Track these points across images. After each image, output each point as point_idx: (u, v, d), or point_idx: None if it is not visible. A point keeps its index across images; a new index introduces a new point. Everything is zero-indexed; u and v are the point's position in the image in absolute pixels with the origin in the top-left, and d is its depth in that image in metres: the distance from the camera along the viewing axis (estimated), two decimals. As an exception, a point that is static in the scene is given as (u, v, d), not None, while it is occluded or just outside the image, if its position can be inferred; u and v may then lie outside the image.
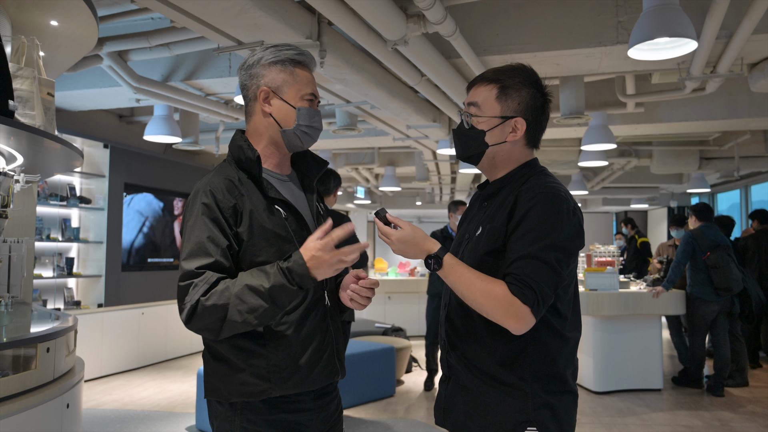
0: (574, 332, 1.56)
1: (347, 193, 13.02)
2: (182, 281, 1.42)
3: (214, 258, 1.42)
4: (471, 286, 1.43)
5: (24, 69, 2.59)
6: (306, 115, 1.58)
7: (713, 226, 5.68)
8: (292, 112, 1.57)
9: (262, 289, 1.37)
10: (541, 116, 1.59)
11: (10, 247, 3.01)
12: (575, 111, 4.70)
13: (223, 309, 1.37)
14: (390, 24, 3.29)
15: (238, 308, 1.37)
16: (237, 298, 1.37)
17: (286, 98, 1.57)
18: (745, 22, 3.43)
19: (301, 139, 1.60)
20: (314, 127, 1.60)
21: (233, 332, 1.41)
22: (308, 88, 1.59)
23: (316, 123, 1.60)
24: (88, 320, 6.06)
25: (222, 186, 1.49)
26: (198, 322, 1.39)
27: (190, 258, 1.42)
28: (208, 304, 1.37)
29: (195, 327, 1.40)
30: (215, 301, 1.37)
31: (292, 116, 1.57)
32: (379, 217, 1.50)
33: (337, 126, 5.94)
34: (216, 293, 1.38)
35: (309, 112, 1.58)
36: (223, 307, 1.37)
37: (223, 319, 1.37)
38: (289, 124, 1.57)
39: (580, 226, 1.49)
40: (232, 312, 1.37)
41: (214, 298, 1.37)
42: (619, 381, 5.61)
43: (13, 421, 2.19)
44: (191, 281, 1.40)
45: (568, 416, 1.51)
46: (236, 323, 1.38)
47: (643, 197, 12.80)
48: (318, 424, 1.57)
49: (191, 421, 4.64)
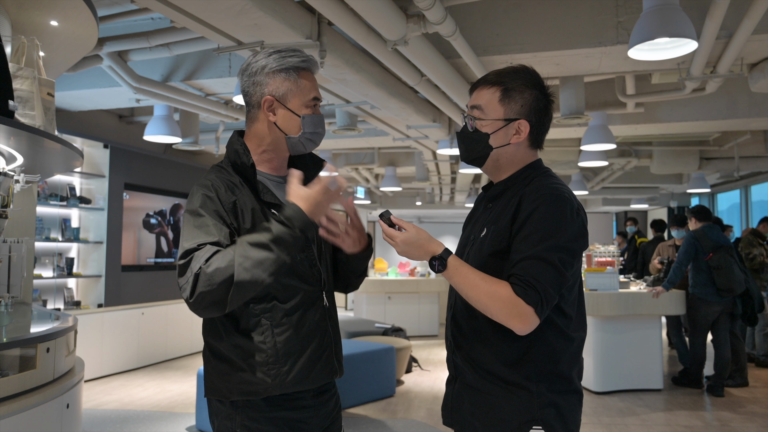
0: (579, 332, 1.56)
1: (347, 193, 13.01)
2: (182, 259, 1.38)
3: (216, 237, 1.40)
4: (475, 287, 1.43)
5: (24, 69, 2.58)
6: (311, 123, 1.58)
7: (715, 227, 5.67)
8: (296, 121, 1.57)
9: (266, 240, 1.36)
10: (545, 117, 1.59)
11: (10, 247, 3.01)
12: (575, 111, 4.69)
13: (227, 271, 1.32)
14: (390, 24, 3.29)
15: (244, 266, 1.33)
16: (241, 256, 1.34)
17: (290, 107, 1.56)
18: (745, 22, 3.43)
19: (305, 145, 1.61)
20: (318, 133, 1.61)
21: (242, 298, 1.36)
22: (312, 93, 1.59)
23: (320, 129, 1.61)
24: (88, 320, 6.06)
25: (221, 183, 1.51)
26: (203, 295, 1.33)
27: (190, 238, 1.40)
28: (211, 270, 1.33)
29: (199, 302, 1.34)
30: (217, 265, 1.33)
31: (296, 124, 1.57)
32: (383, 219, 1.51)
33: (337, 126, 5.94)
34: (217, 258, 1.35)
35: (313, 119, 1.58)
36: (227, 269, 1.33)
37: (229, 285, 1.33)
38: (294, 132, 1.58)
39: (583, 227, 1.50)
40: (239, 271, 1.33)
41: (216, 263, 1.34)
42: (619, 381, 5.61)
43: (13, 421, 2.19)
44: (191, 255, 1.37)
45: (573, 416, 1.52)
46: (244, 283, 1.33)
47: (643, 197, 12.79)
48: (318, 420, 1.59)
49: (191, 421, 4.64)
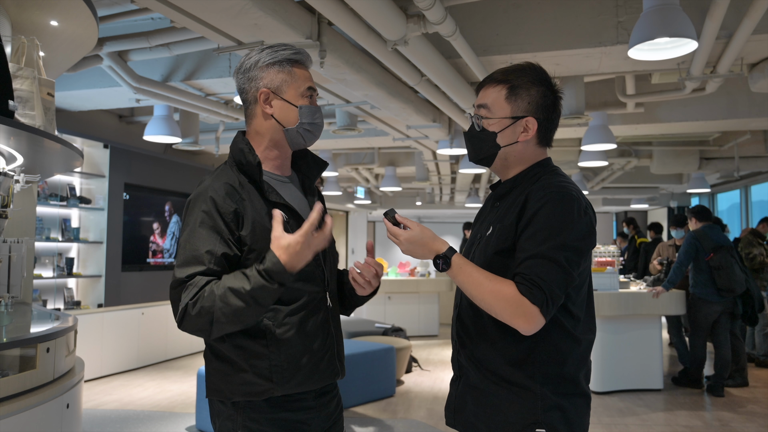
0: (587, 334, 1.53)
1: (347, 193, 13.01)
2: (173, 288, 1.46)
3: (206, 266, 1.44)
4: (479, 285, 1.41)
5: (24, 69, 2.58)
6: (308, 113, 1.59)
7: (715, 227, 5.67)
8: (294, 111, 1.58)
9: (243, 291, 1.39)
10: (553, 114, 1.57)
11: (10, 247, 3.01)
12: (575, 111, 4.70)
13: (209, 311, 1.39)
14: (390, 24, 3.29)
15: (223, 311, 1.38)
16: (221, 301, 1.39)
17: (286, 98, 1.57)
18: (745, 22, 3.43)
19: (303, 137, 1.61)
20: (316, 124, 1.61)
21: (222, 332, 1.44)
22: (307, 83, 1.60)
23: (318, 120, 1.61)
24: (88, 320, 6.05)
25: (222, 191, 1.49)
26: (189, 325, 1.42)
27: (182, 266, 1.45)
28: (196, 309, 1.39)
29: (187, 329, 1.44)
30: (202, 303, 1.39)
31: (294, 115, 1.58)
32: (388, 218, 1.50)
33: (337, 126, 5.94)
34: (202, 297, 1.40)
35: (310, 109, 1.59)
36: (209, 309, 1.39)
37: (211, 322, 1.40)
38: (292, 123, 1.58)
39: (591, 226, 1.47)
40: (218, 315, 1.39)
41: (201, 302, 1.40)
42: (619, 381, 5.61)
43: (13, 421, 2.20)
44: (182, 286, 1.44)
45: (580, 419, 1.49)
46: (222, 324, 1.40)
47: (643, 197, 12.79)
48: (319, 422, 1.58)
49: (191, 421, 4.64)
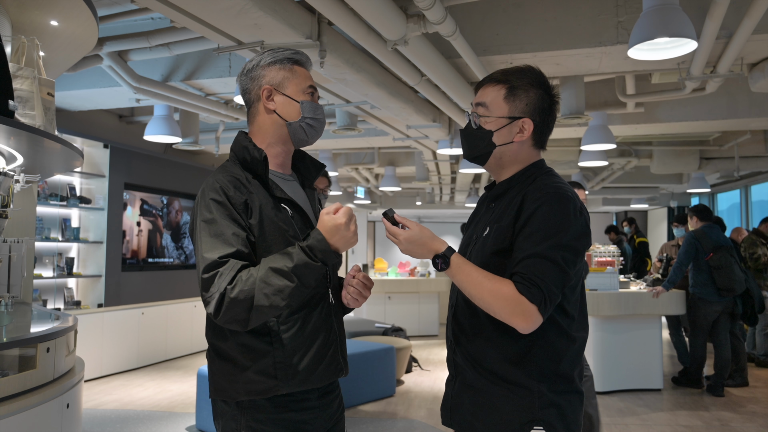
0: (581, 332, 1.56)
1: (347, 193, 13.01)
2: (206, 273, 1.39)
3: (235, 247, 1.42)
4: (478, 285, 1.43)
5: (24, 69, 2.58)
6: (310, 108, 1.61)
7: (715, 227, 5.67)
8: (295, 106, 1.60)
9: (286, 269, 1.38)
10: (549, 117, 1.60)
11: (10, 247, 3.01)
12: (575, 111, 4.69)
13: (249, 295, 1.36)
14: (390, 24, 3.29)
15: (264, 291, 1.36)
16: (262, 282, 1.36)
17: (288, 93, 1.60)
18: (745, 22, 3.43)
19: (306, 133, 1.62)
20: (318, 120, 1.63)
21: (261, 320, 1.40)
22: (308, 81, 1.64)
23: (319, 115, 1.63)
24: (88, 320, 6.06)
25: (229, 183, 1.49)
26: (226, 314, 1.37)
27: (210, 249, 1.41)
28: (234, 293, 1.36)
29: (223, 319, 1.38)
30: (241, 287, 1.36)
31: (296, 110, 1.60)
32: (387, 218, 1.50)
33: (337, 126, 5.93)
34: (241, 280, 1.37)
35: (312, 105, 1.62)
36: (248, 293, 1.36)
37: (249, 308, 1.36)
38: (294, 118, 1.60)
39: (586, 226, 1.51)
40: (259, 297, 1.36)
41: (239, 286, 1.36)
42: (619, 381, 5.61)
43: (13, 421, 2.19)
44: (216, 271, 1.39)
45: (575, 416, 1.51)
46: (263, 308, 1.37)
47: (643, 197, 12.78)
48: (322, 422, 1.58)
49: (191, 421, 4.64)
